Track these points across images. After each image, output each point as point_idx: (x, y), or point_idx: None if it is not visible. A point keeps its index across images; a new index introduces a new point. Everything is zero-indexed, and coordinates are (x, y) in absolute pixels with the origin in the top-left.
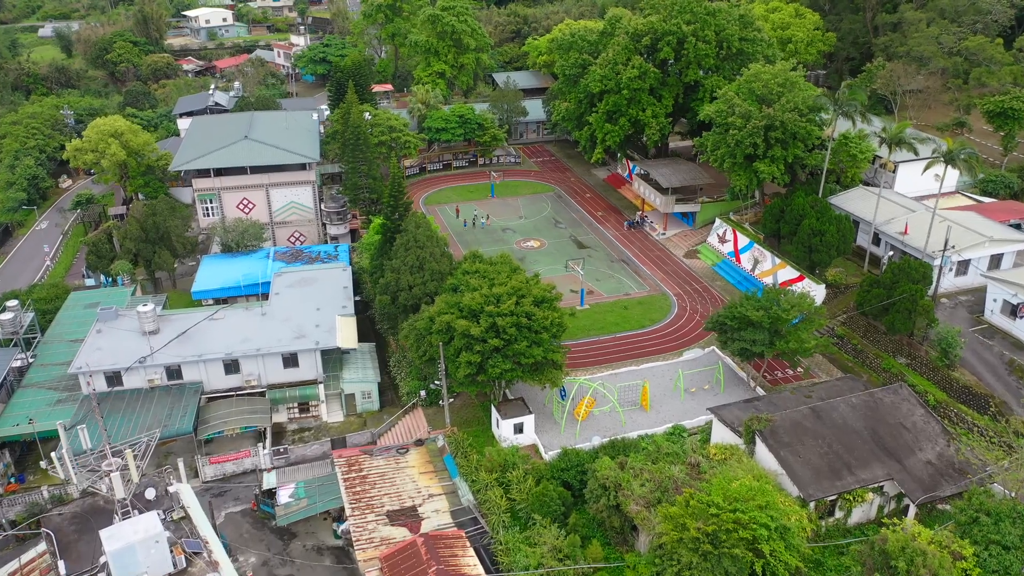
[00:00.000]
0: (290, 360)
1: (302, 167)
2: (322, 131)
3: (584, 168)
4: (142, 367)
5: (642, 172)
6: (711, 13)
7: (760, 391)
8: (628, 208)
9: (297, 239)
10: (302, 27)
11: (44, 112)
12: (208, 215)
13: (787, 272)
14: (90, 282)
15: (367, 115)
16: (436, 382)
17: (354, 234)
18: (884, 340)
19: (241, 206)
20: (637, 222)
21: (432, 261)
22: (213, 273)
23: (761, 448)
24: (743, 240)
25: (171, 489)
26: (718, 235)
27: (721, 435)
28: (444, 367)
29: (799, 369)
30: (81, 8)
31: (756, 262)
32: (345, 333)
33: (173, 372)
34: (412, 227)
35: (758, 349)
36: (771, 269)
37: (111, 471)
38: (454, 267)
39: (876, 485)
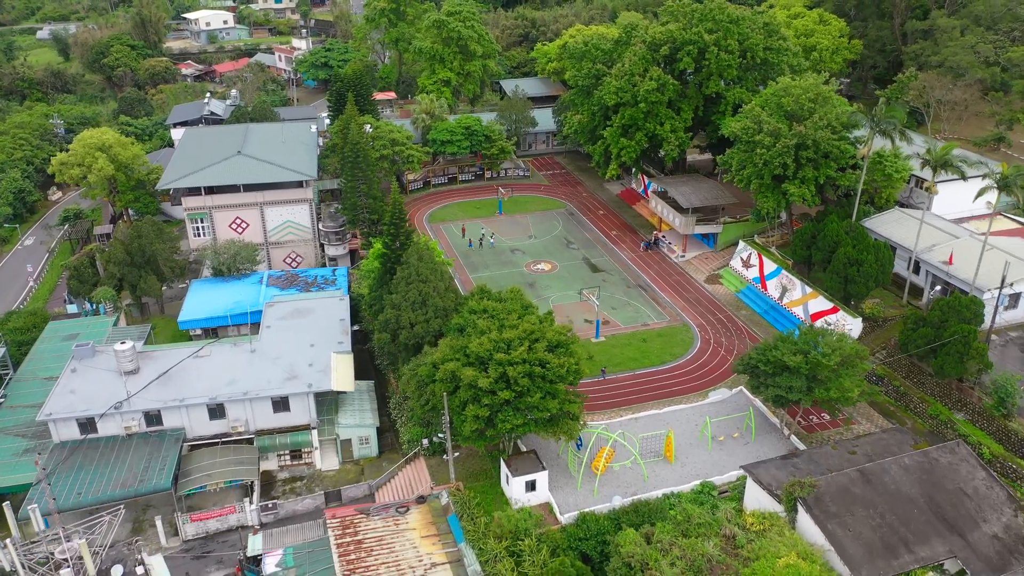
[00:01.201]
0: (281, 404)
1: (299, 184)
2: (321, 143)
3: (596, 182)
4: (118, 413)
5: (659, 189)
6: (734, 21)
7: (795, 440)
8: (644, 227)
9: (293, 260)
10: (304, 30)
11: (33, 121)
12: (199, 235)
13: (819, 303)
14: (72, 308)
15: (368, 127)
16: (439, 434)
17: (353, 255)
18: (930, 383)
19: (234, 226)
20: (654, 243)
21: (436, 297)
22: (202, 300)
23: (804, 518)
24: (770, 265)
25: (140, 571)
26: (742, 259)
27: (756, 497)
28: (448, 419)
29: (840, 418)
30: (81, 10)
31: (784, 290)
32: (341, 374)
33: (152, 418)
34: (414, 259)
35: (795, 397)
36: (801, 298)
37: (64, 559)
38: (459, 303)
39: (936, 564)
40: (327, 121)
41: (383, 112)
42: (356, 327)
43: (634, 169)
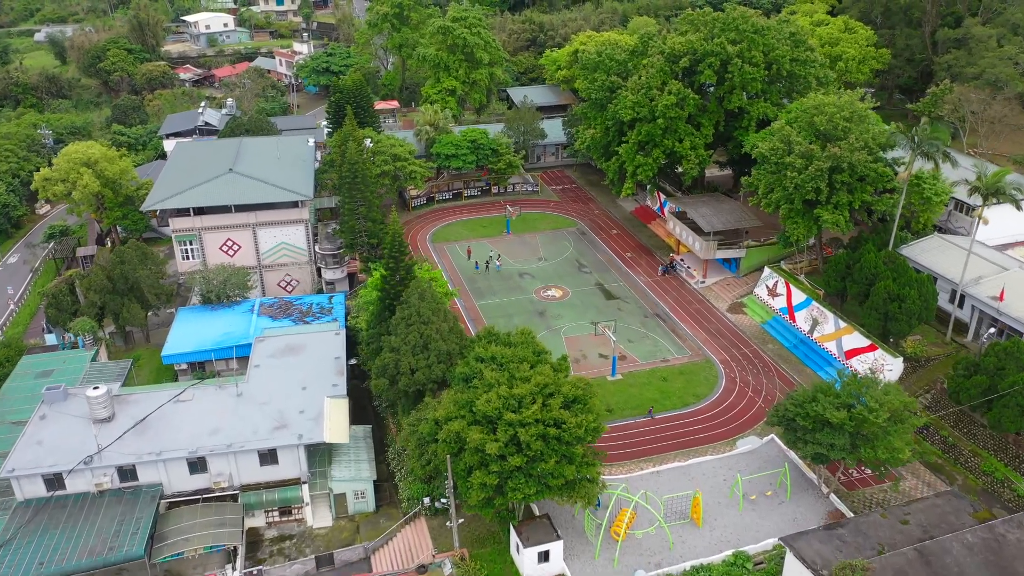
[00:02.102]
0: (268, 456)
1: (294, 204)
2: (319, 158)
3: (608, 198)
4: (88, 469)
5: (677, 210)
6: (759, 31)
7: (835, 499)
8: (660, 248)
9: (288, 284)
10: (306, 34)
11: (20, 132)
12: (188, 257)
13: (854, 339)
14: (51, 339)
15: (368, 142)
16: (443, 499)
17: (352, 278)
18: (982, 434)
19: (225, 248)
20: (671, 267)
21: (438, 340)
22: (188, 331)
23: None
24: (798, 295)
25: None
26: (767, 287)
27: (797, 573)
28: (453, 483)
29: (885, 481)
30: (80, 11)
31: (815, 323)
32: (335, 423)
33: (127, 472)
34: (415, 298)
35: (837, 455)
36: (834, 333)
37: None
38: (465, 346)
39: None
40: (327, 130)
41: (385, 123)
42: (353, 361)
43: (649, 186)
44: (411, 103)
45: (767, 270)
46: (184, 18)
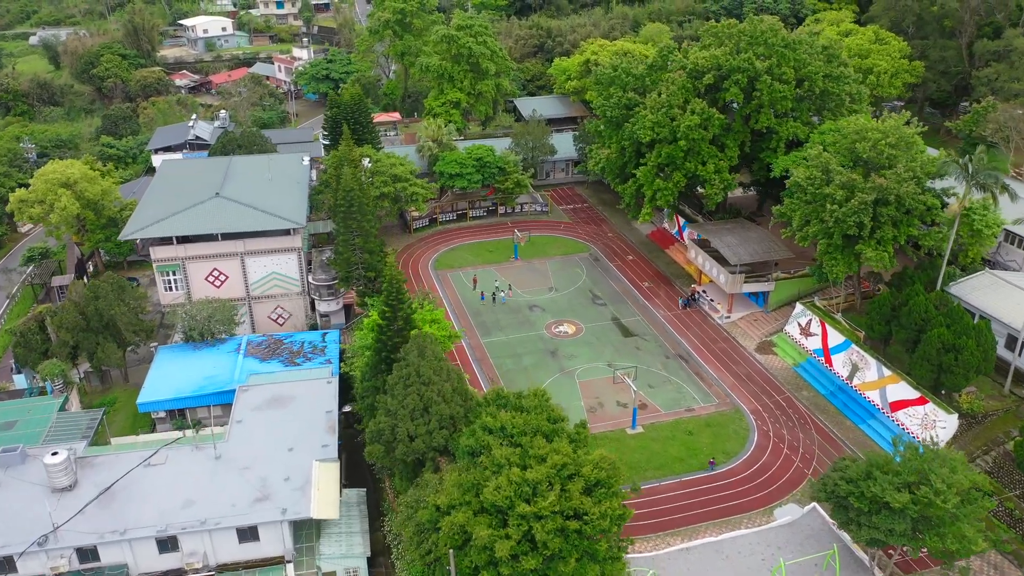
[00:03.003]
0: (248, 533)
1: (286, 232)
2: (315, 177)
3: (623, 219)
4: (43, 550)
5: (699, 237)
6: (790, 45)
7: None
8: (680, 276)
9: (280, 316)
10: (305, 39)
11: (1, 145)
12: (171, 288)
13: (901, 389)
14: (20, 380)
15: (366, 161)
16: None
17: (348, 309)
18: None
19: (211, 278)
20: (692, 299)
21: (440, 403)
22: (167, 375)
23: None
24: (835, 337)
25: None
26: (800, 325)
27: None
28: None
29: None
30: (77, 14)
31: (855, 368)
32: (324, 494)
33: (88, 553)
34: (414, 355)
35: (896, 542)
36: (877, 381)
37: None
38: (470, 408)
39: None
40: (324, 143)
41: (385, 136)
42: (348, 408)
43: (667, 209)
44: (414, 113)
45: (799, 307)
46: (181, 22)
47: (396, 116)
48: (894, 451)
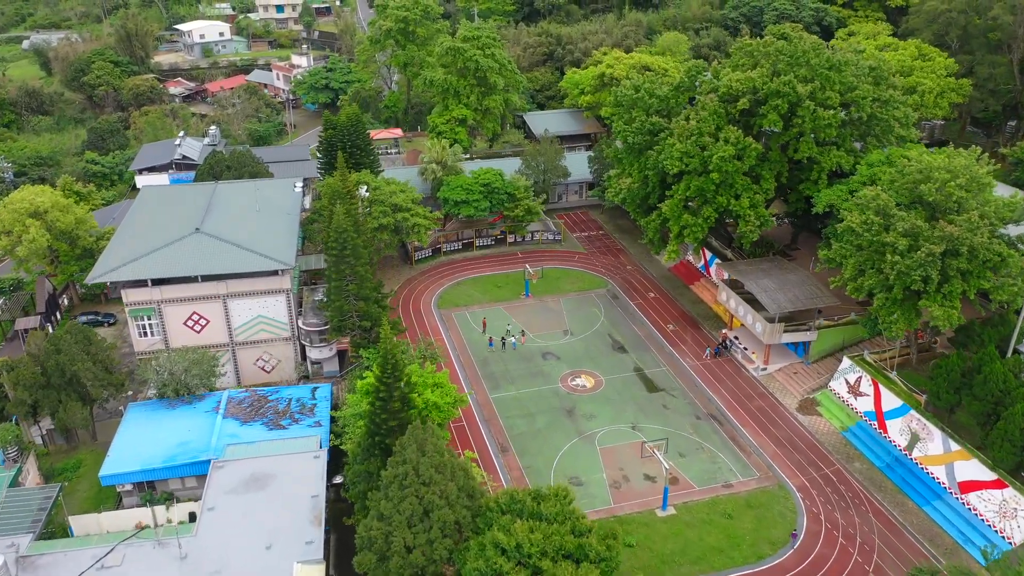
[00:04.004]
0: None
1: (274, 271)
2: (308, 205)
3: (641, 248)
4: None
5: (730, 278)
6: (835, 67)
7: None
8: (707, 318)
9: (267, 363)
10: (304, 45)
11: None
12: (145, 334)
13: (972, 468)
14: None
15: (363, 190)
16: None
17: (342, 356)
18: None
19: (191, 323)
20: (723, 346)
21: (444, 507)
22: (136, 441)
23: None
24: (891, 399)
25: None
26: (848, 381)
27: None
28: None
29: None
30: (73, 17)
31: (915, 438)
32: None
33: None
34: (412, 451)
35: None
36: (943, 456)
37: None
38: (479, 512)
39: None
40: (319, 168)
41: (387, 154)
42: (339, 479)
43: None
44: (417, 126)
45: (847, 361)
46: (177, 27)
47: (398, 132)
48: (985, 563)
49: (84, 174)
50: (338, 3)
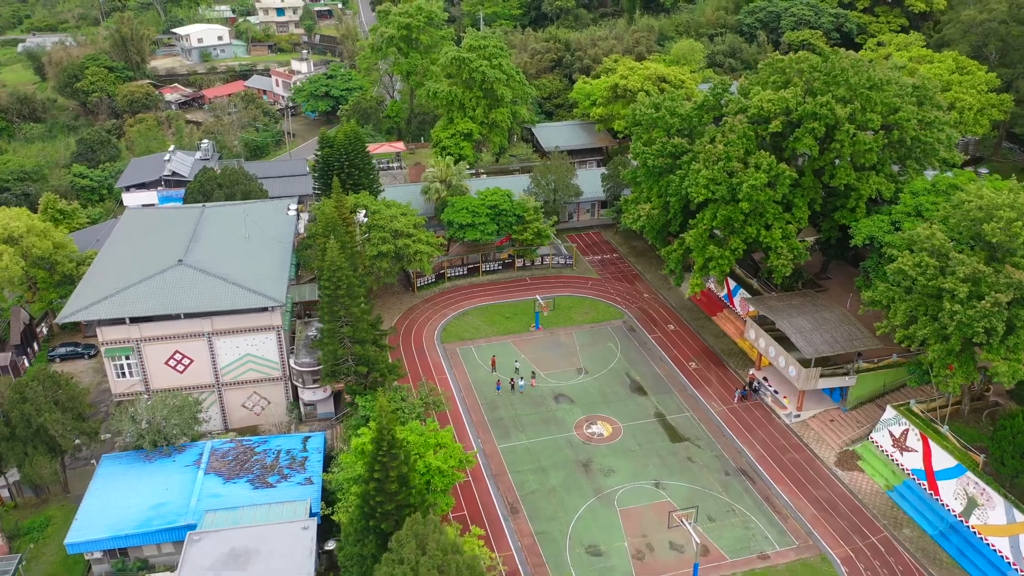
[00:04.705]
0: None
1: (264, 308)
2: (302, 230)
3: (659, 274)
4: None
5: (760, 314)
6: (876, 86)
7: None
8: (732, 354)
9: (256, 404)
10: (305, 51)
11: None
12: (123, 375)
13: None
14: None
15: (361, 215)
16: None
17: (338, 397)
18: None
19: (172, 363)
20: (751, 389)
21: None
22: (107, 502)
23: None
24: (942, 457)
25: None
26: (892, 434)
27: None
28: None
29: None
30: (71, 19)
31: (972, 504)
32: None
33: None
34: (411, 547)
35: None
36: (1007, 527)
37: None
38: None
39: None
40: (314, 189)
41: (388, 170)
42: (331, 545)
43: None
44: (420, 137)
45: (891, 411)
46: (175, 31)
47: (400, 146)
48: None
49: (71, 188)
50: (340, 6)
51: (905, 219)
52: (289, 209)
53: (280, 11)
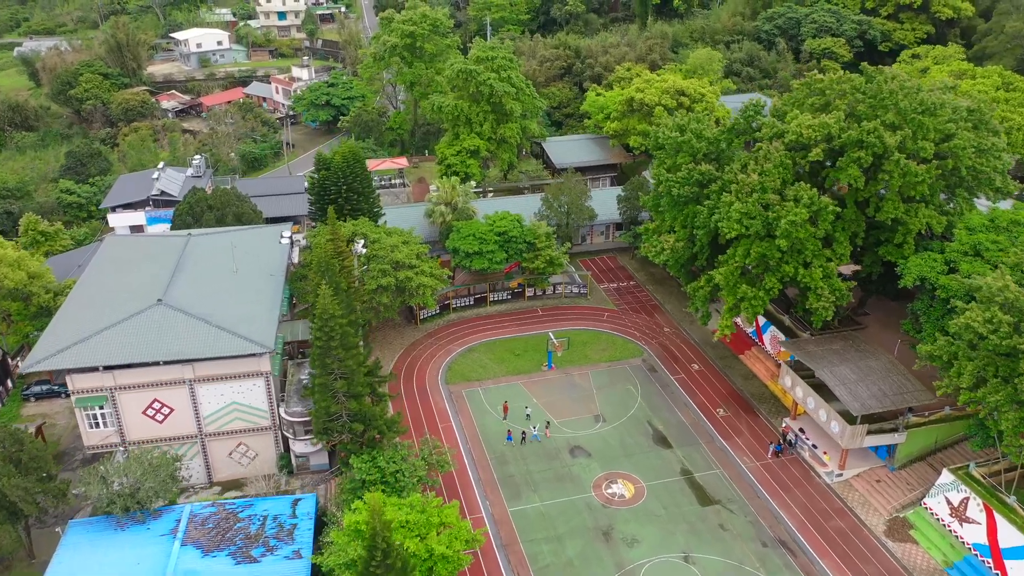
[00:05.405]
0: None
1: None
2: (296, 258)
3: (679, 305)
4: None
5: (795, 359)
6: (929, 110)
7: None
8: (763, 400)
9: (244, 455)
10: (306, 57)
11: None
12: (97, 426)
13: None
14: None
15: (359, 246)
16: None
17: (333, 450)
18: None
19: (151, 412)
20: (787, 443)
21: None
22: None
23: None
24: (1010, 533)
25: None
26: (949, 501)
27: None
28: None
29: None
30: (70, 22)
31: None
32: None
33: None
34: None
35: None
36: None
37: None
38: None
39: None
40: (311, 211)
41: (390, 188)
42: None
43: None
44: (424, 150)
45: (948, 476)
46: (173, 35)
47: (402, 162)
48: None
49: (58, 205)
50: (343, 10)
51: (961, 259)
52: (283, 237)
53: (282, 15)
